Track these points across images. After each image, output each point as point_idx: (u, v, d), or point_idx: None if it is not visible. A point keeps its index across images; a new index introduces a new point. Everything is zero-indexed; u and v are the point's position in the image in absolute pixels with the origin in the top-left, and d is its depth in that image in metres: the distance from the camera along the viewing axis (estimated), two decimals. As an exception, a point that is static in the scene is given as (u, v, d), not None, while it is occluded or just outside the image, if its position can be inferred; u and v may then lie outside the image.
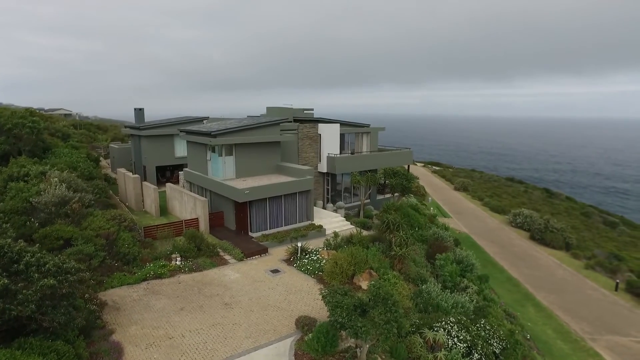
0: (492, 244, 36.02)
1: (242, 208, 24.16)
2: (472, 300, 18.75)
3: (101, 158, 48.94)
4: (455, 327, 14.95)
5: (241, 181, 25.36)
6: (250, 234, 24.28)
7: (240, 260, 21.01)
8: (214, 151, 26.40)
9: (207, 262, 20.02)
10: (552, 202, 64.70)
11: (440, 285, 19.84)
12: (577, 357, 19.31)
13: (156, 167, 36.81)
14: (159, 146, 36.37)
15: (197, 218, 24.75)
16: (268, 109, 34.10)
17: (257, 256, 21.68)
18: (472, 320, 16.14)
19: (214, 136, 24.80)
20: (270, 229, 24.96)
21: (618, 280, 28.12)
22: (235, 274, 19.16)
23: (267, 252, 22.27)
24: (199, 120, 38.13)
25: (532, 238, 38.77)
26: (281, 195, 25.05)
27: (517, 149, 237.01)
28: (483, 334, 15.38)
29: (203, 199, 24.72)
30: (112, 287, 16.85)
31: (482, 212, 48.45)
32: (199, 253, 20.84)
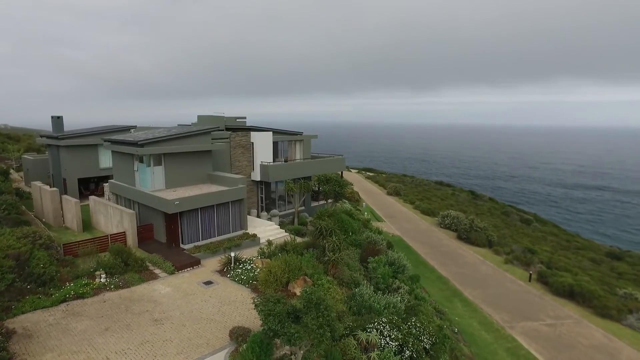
0: (423, 245, 37.72)
1: (173, 219, 23.30)
2: (404, 300, 19.51)
3: (12, 171, 44.75)
4: (388, 327, 15.48)
5: (171, 192, 24.46)
6: (181, 245, 23.45)
7: (172, 273, 20.21)
8: (141, 161, 25.23)
9: (135, 278, 19.02)
10: (477, 203, 69.25)
11: (373, 287, 20.43)
12: (498, 344, 20.78)
13: (78, 179, 34.36)
14: (81, 157, 34.01)
15: (124, 232, 23.46)
16: (199, 117, 33.29)
17: (189, 268, 20.98)
18: (404, 319, 16.79)
19: (141, 146, 23.73)
20: (202, 239, 24.29)
21: (531, 272, 30.71)
22: (166, 288, 18.39)
23: (199, 263, 21.62)
24: (126, 129, 36.25)
25: (459, 238, 41.15)
26: (213, 205, 24.50)
27: (443, 154, 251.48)
28: (414, 331, 16.05)
29: (130, 211, 23.50)
30: (23, 313, 15.39)
31: (414, 215, 50.63)
32: (127, 268, 19.76)
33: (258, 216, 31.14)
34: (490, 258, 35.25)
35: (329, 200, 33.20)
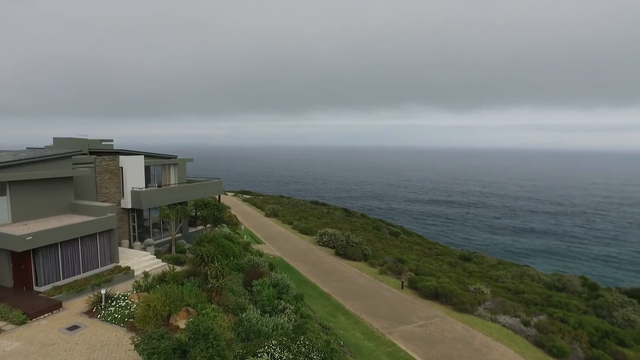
0: (303, 264, 38.54)
1: (23, 258, 19.95)
2: (291, 320, 19.64)
3: None
4: (278, 348, 15.37)
5: (21, 226, 20.99)
6: (36, 288, 20.15)
7: (23, 323, 17.17)
8: (-23, 192, 21.22)
9: (-29, 335, 15.70)
10: (351, 219, 73.58)
11: (259, 310, 20.17)
12: (380, 350, 22.14)
13: None
14: None
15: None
16: (56, 140, 29.48)
17: (47, 314, 18.09)
18: (293, 339, 16.87)
19: (-22, 173, 20.02)
20: (64, 278, 21.24)
21: (402, 280, 33.63)
22: (13, 344, 15.50)
23: (61, 307, 18.82)
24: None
25: (337, 254, 43.10)
26: (77, 238, 21.70)
27: (316, 174, 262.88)
28: (303, 349, 16.21)
29: (-38, 253, 19.49)
30: None
31: (293, 235, 51.57)
32: (-42, 324, 16.23)
33: (130, 247, 28.48)
34: (366, 270, 37.59)
35: (208, 225, 32.00)
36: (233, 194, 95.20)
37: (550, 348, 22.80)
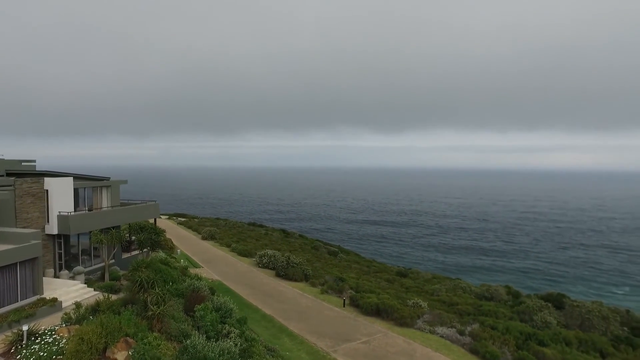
0: (244, 287, 37.75)
1: None
2: (237, 344, 19.17)
3: None
4: (226, 374, 14.96)
5: None
6: (-58, 328, 17.90)
7: None
8: None
9: None
10: (289, 240, 73.44)
11: (204, 336, 19.47)
12: (326, 371, 22.22)
13: None
14: None
15: None
16: (-37, 161, 26.77)
17: (-44, 357, 16.11)
18: (240, 363, 16.50)
19: None
20: (-24, 315, 19.08)
21: (344, 298, 34.10)
22: None
23: (-26, 347, 16.85)
24: None
25: (278, 275, 42.74)
26: (-7, 269, 19.70)
27: (253, 196, 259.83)
28: (251, 373, 15.91)
29: None
30: None
31: (232, 258, 50.40)
32: None
33: (56, 276, 26.23)
34: (308, 291, 37.62)
35: (144, 250, 30.47)
36: (167, 216, 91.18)
37: (484, 354, 24.28)
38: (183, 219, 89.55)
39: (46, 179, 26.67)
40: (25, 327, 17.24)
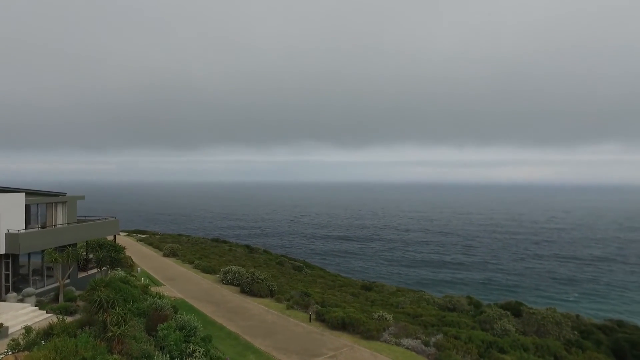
0: (208, 304, 36.82)
1: None
2: (202, 363, 18.69)
3: None
4: (191, 394, 14.54)
5: None
6: None
7: None
8: None
9: None
10: (253, 256, 72.45)
11: (167, 356, 18.85)
12: (293, 388, 21.95)
13: None
14: None
15: None
16: None
17: None
18: (205, 382, 16.07)
19: None
20: None
21: (310, 313, 33.95)
22: None
23: None
24: None
25: (243, 291, 41.99)
26: None
27: (216, 211, 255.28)
28: (217, 392, 15.53)
29: None
30: None
31: (195, 275, 49.14)
32: None
33: (2, 300, 24.66)
34: (273, 307, 37.18)
35: (103, 268, 29.25)
36: (127, 233, 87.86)
37: (448, 364, 24.79)
38: (143, 236, 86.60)
39: (-5, 195, 25.27)
40: (-32, 356, 16.13)
